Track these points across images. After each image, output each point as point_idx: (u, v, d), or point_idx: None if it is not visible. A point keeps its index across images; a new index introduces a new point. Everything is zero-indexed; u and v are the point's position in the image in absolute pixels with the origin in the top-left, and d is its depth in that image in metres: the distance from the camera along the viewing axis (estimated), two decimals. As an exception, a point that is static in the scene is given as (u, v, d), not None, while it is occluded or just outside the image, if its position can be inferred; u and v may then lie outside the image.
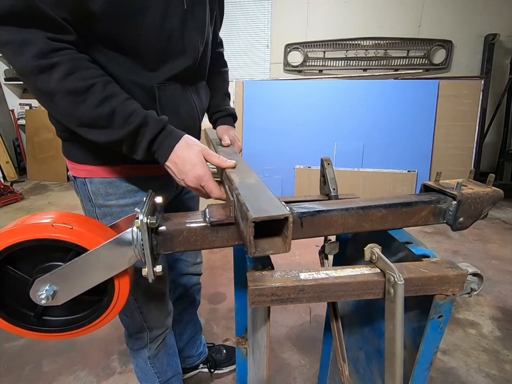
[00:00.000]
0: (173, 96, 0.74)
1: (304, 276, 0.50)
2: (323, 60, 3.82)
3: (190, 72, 0.76)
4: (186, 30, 0.70)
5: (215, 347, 1.47)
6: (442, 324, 0.54)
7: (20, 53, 0.54)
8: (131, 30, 0.63)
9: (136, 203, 0.79)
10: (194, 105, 0.81)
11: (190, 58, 0.74)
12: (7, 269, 0.51)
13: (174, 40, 0.68)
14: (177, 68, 0.72)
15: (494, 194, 0.63)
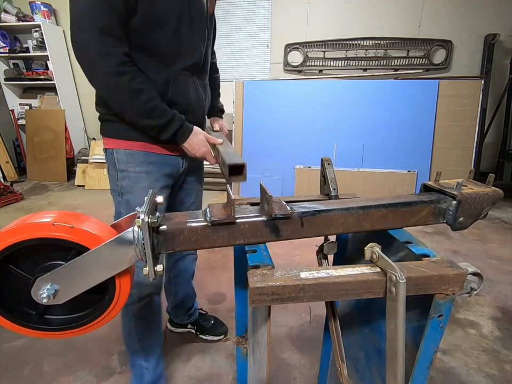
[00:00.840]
0: (184, 85, 0.99)
1: (304, 275, 0.50)
2: (323, 60, 3.82)
3: (196, 68, 1.02)
4: (193, 36, 0.97)
5: (207, 315, 1.62)
6: (442, 323, 0.54)
7: (106, 60, 0.82)
8: (155, 39, 0.89)
9: (148, 172, 1.01)
10: (200, 94, 1.06)
11: (196, 57, 1.01)
12: (9, 268, 0.51)
13: (184, 44, 0.95)
14: (186, 64, 0.97)
15: (494, 194, 0.63)
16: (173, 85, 0.96)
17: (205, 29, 1.01)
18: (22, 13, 3.93)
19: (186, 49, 0.96)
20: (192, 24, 0.95)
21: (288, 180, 3.48)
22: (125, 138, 0.99)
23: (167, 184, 1.07)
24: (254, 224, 0.56)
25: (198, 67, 1.03)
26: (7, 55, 4.08)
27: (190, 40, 0.96)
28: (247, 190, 3.55)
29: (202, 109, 1.09)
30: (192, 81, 1.02)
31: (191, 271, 1.46)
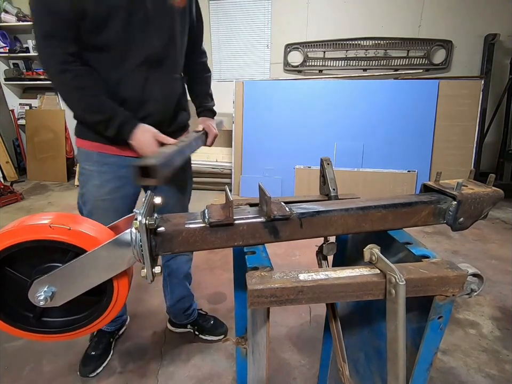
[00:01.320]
0: (138, 81, 0.99)
1: (303, 277, 0.50)
2: (323, 60, 3.82)
3: (152, 64, 1.00)
4: (146, 33, 0.96)
5: (206, 316, 1.63)
6: (442, 325, 0.54)
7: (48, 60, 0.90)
8: (104, 37, 0.92)
9: (100, 172, 1.07)
10: (161, 90, 1.04)
11: (150, 53, 0.99)
12: (6, 271, 0.51)
13: (135, 40, 0.95)
14: (138, 60, 0.97)
15: (494, 195, 0.62)
16: (125, 82, 0.98)
17: (167, 25, 1.00)
18: (22, 13, 3.93)
19: (137, 46, 0.96)
20: (146, 20, 0.94)
21: (288, 180, 3.47)
22: (84, 138, 1.06)
23: (122, 185, 1.09)
24: (252, 225, 0.56)
25: (155, 63, 1.01)
26: (7, 55, 4.07)
27: (142, 37, 0.96)
28: (247, 190, 3.54)
29: (164, 106, 1.07)
30: (150, 77, 1.01)
31: (184, 271, 1.45)
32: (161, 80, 1.04)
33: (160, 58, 1.01)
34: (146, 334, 1.61)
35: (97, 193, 1.09)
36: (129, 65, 0.97)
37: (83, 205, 1.13)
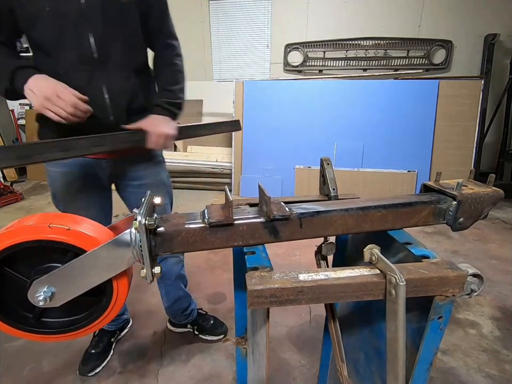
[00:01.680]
0: (75, 81, 0.92)
1: (303, 277, 0.50)
2: (323, 60, 3.82)
3: (90, 62, 0.94)
4: (76, 28, 0.90)
5: (206, 315, 1.62)
6: (442, 325, 0.54)
7: None
8: (35, 35, 0.91)
9: (63, 172, 1.04)
10: (102, 94, 0.97)
11: (83, 50, 0.92)
12: (5, 271, 0.51)
13: (64, 37, 0.91)
14: (71, 58, 0.92)
15: (494, 195, 0.62)
16: (64, 82, 0.91)
17: (104, 20, 0.93)
18: (21, 13, 3.92)
19: (70, 45, 0.91)
20: (80, 17, 0.89)
21: (288, 180, 3.47)
22: (44, 138, 1.03)
23: (87, 183, 1.07)
24: (252, 225, 0.56)
25: (96, 61, 0.94)
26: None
27: (75, 35, 0.91)
28: (247, 190, 3.54)
29: (112, 107, 0.99)
30: (94, 76, 0.95)
31: (175, 273, 1.42)
32: (108, 79, 0.97)
33: (101, 56, 0.95)
34: (146, 334, 1.61)
35: (65, 193, 1.08)
36: (65, 65, 0.93)
37: (57, 205, 1.12)
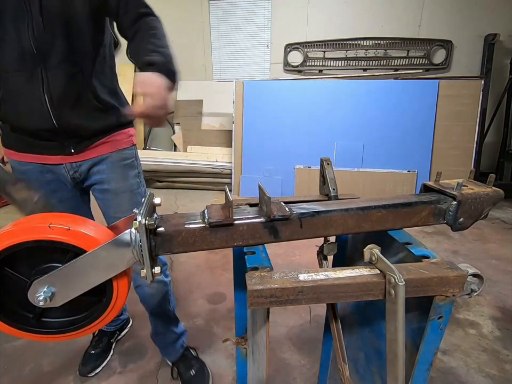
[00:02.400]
0: (16, 83, 0.85)
1: (303, 277, 0.50)
2: (323, 60, 3.82)
3: (35, 61, 0.83)
4: (18, 25, 0.81)
5: (192, 361, 1.36)
6: (442, 325, 0.54)
7: None
8: None
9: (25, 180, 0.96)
10: (41, 94, 0.86)
11: (21, 48, 0.82)
12: (5, 271, 0.51)
13: (6, 35, 0.81)
14: (12, 57, 0.83)
15: (494, 195, 0.62)
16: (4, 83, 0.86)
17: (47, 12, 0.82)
18: (21, 13, 3.92)
19: (10, 40, 0.82)
20: (20, 8, 0.80)
21: (288, 180, 3.47)
22: (3, 145, 0.99)
23: (52, 190, 1.01)
24: (252, 225, 0.56)
25: (36, 57, 0.83)
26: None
27: (15, 28, 0.81)
28: (247, 190, 3.54)
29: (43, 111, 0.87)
30: (34, 75, 0.84)
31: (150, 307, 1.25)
32: (48, 78, 0.85)
33: (41, 52, 0.83)
34: (146, 334, 1.60)
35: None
36: (6, 62, 0.84)
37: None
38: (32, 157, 0.96)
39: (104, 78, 0.97)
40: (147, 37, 0.88)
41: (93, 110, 0.95)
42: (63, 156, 0.97)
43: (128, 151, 1.08)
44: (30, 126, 0.90)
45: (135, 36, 0.89)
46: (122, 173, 1.06)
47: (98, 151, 1.01)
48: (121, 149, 1.06)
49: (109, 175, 1.04)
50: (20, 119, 0.90)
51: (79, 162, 1.00)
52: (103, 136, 1.00)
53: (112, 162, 1.04)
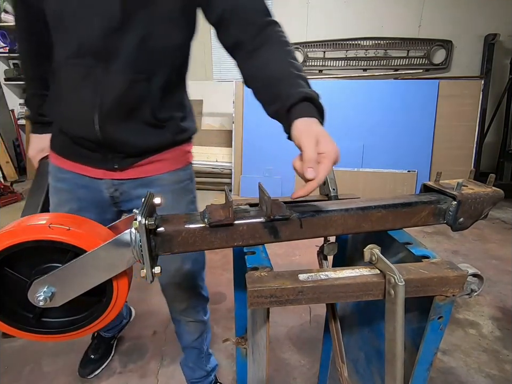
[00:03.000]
0: (69, 79, 0.74)
1: (303, 277, 0.50)
2: (323, 60, 3.82)
3: (90, 54, 0.69)
4: (83, 13, 0.67)
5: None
6: (442, 325, 0.54)
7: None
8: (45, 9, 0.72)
9: (58, 189, 0.88)
10: (92, 98, 0.72)
11: (80, 42, 0.69)
12: (5, 271, 0.51)
13: (66, 22, 0.69)
14: (69, 50, 0.71)
15: (494, 195, 0.62)
16: (57, 77, 0.75)
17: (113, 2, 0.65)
18: (21, 13, 3.92)
19: (71, 28, 0.69)
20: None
21: (288, 180, 3.47)
22: (50, 146, 0.89)
23: (81, 208, 0.86)
24: (252, 225, 0.56)
25: (97, 55, 0.69)
26: (7, 55, 4.07)
27: (78, 16, 0.68)
28: (247, 190, 3.54)
29: (88, 117, 0.73)
30: (90, 74, 0.71)
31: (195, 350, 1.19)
32: (105, 82, 0.71)
33: (108, 48, 0.69)
34: (146, 334, 1.61)
35: (58, 211, 0.88)
36: (61, 54, 0.73)
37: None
38: (72, 165, 0.84)
39: (172, 88, 0.80)
40: (283, 54, 0.69)
41: (145, 125, 0.78)
42: (105, 170, 0.82)
43: (183, 171, 0.90)
44: (72, 131, 0.79)
45: (259, 50, 0.69)
46: (174, 199, 0.88)
47: (146, 171, 0.84)
48: (175, 169, 0.88)
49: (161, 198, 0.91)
50: (64, 121, 0.79)
51: (122, 180, 0.84)
52: (153, 154, 0.83)
53: (162, 186, 0.86)
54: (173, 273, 0.96)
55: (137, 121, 0.77)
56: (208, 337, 1.22)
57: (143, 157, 0.82)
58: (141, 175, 0.84)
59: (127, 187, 0.85)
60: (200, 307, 1.09)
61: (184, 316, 1.08)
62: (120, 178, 0.84)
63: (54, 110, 0.81)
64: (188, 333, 1.13)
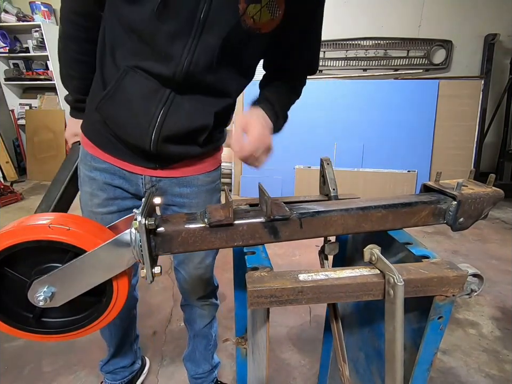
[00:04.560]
0: (136, 85, 0.72)
1: (303, 277, 0.50)
2: (323, 60, 3.81)
3: (167, 79, 0.71)
4: (158, 30, 0.67)
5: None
6: (442, 325, 0.54)
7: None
8: (132, 14, 0.68)
9: (92, 178, 0.87)
10: (155, 115, 0.73)
11: (167, 68, 0.69)
12: (5, 271, 0.51)
13: (144, 36, 0.68)
14: (150, 65, 0.70)
15: (494, 195, 0.62)
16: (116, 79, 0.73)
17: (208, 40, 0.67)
18: (22, 13, 3.93)
19: (150, 44, 0.69)
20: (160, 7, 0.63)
21: (288, 180, 3.47)
22: (83, 133, 0.88)
23: (116, 196, 0.88)
24: (252, 225, 0.56)
25: (169, 78, 0.70)
26: (7, 55, 4.07)
27: (153, 33, 0.67)
28: (247, 190, 3.54)
29: (143, 135, 0.74)
30: (154, 91, 0.72)
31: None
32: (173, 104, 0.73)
33: (187, 78, 0.70)
34: (146, 334, 1.61)
35: (89, 202, 0.90)
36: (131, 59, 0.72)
37: (82, 211, 0.95)
38: (111, 158, 0.84)
39: (229, 113, 0.87)
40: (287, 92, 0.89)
41: (195, 143, 0.82)
42: (144, 168, 0.85)
43: (215, 172, 0.96)
44: (122, 135, 0.78)
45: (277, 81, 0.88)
46: (206, 198, 0.94)
47: (184, 171, 0.88)
48: (209, 171, 0.93)
49: (192, 200, 0.91)
50: (115, 123, 0.78)
51: (161, 178, 0.87)
52: (193, 158, 0.87)
53: (198, 186, 0.91)
54: (197, 265, 1.02)
55: (191, 142, 0.81)
56: (215, 325, 1.24)
57: (184, 160, 0.86)
58: (180, 174, 0.88)
59: (164, 184, 0.88)
60: (213, 293, 1.16)
61: (201, 301, 1.13)
62: (159, 176, 0.86)
63: (105, 106, 0.76)
64: (201, 317, 1.16)
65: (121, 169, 0.85)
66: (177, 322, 1.69)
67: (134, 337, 1.26)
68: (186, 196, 0.90)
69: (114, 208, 0.89)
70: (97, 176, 0.86)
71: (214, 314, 1.20)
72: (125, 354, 1.24)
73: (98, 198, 0.88)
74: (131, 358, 1.27)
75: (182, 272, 1.05)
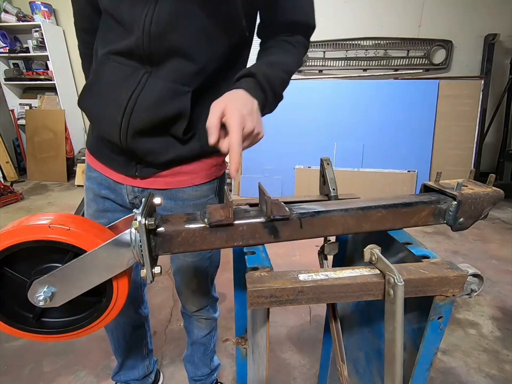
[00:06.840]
0: (111, 75, 0.67)
1: (303, 277, 0.50)
2: (323, 60, 3.81)
3: (136, 55, 0.65)
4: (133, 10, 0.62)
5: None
6: (442, 325, 0.54)
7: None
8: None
9: (87, 187, 0.86)
10: (125, 100, 0.66)
11: (133, 37, 0.63)
12: (5, 271, 0.51)
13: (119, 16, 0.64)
14: (118, 43, 0.65)
15: (494, 195, 0.62)
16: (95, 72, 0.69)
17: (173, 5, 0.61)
18: (22, 13, 3.93)
19: (122, 25, 0.65)
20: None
21: (288, 180, 3.47)
22: (86, 143, 0.87)
23: (105, 209, 0.84)
24: (252, 225, 0.56)
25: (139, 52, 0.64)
26: (7, 55, 4.07)
27: (129, 12, 0.63)
28: (247, 190, 3.54)
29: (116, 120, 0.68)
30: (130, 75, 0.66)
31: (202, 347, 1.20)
32: (144, 87, 0.66)
33: (154, 53, 0.64)
34: (146, 334, 1.61)
35: (86, 211, 0.88)
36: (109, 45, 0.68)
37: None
38: (98, 165, 0.81)
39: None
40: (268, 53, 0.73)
41: (174, 139, 0.73)
42: (125, 176, 0.79)
43: (207, 186, 0.83)
44: (99, 131, 0.76)
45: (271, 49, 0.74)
46: (196, 209, 0.82)
47: (168, 183, 0.79)
48: (199, 184, 0.82)
49: (176, 208, 0.82)
50: (92, 117, 0.74)
51: (142, 188, 0.80)
52: (176, 166, 0.77)
53: (183, 200, 0.81)
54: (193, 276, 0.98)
55: (167, 134, 0.72)
56: (215, 335, 1.21)
57: (166, 168, 0.77)
58: (163, 186, 0.79)
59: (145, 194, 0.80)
60: (212, 306, 1.10)
61: (197, 314, 1.08)
62: (140, 186, 0.80)
63: (84, 101, 0.73)
64: (198, 329, 1.12)
65: (107, 178, 0.81)
66: (177, 322, 1.69)
67: (146, 352, 1.21)
68: (170, 209, 0.82)
69: (104, 221, 0.82)
70: (90, 185, 0.84)
71: (214, 326, 1.15)
72: (133, 367, 1.20)
73: (91, 209, 0.86)
74: (142, 371, 1.22)
75: (178, 280, 1.00)
